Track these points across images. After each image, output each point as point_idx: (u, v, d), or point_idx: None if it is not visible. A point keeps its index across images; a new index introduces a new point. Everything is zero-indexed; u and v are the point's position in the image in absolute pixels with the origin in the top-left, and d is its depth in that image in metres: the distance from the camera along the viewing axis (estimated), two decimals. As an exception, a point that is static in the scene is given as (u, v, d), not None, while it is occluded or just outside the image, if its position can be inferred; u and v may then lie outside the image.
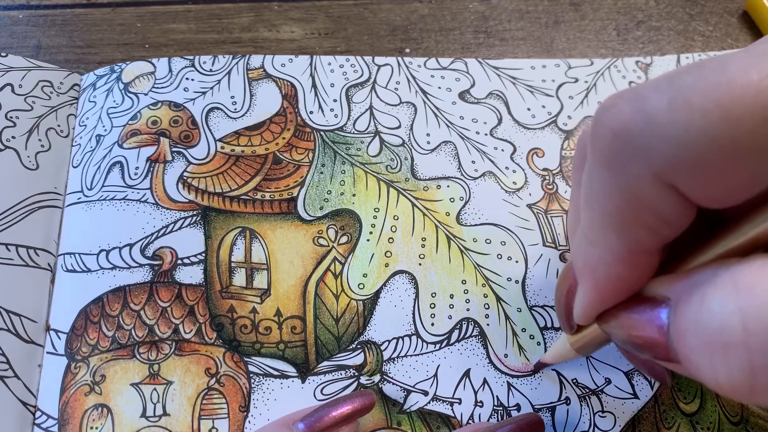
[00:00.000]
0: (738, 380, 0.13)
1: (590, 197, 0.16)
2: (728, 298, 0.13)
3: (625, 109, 0.14)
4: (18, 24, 0.35)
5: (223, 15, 0.35)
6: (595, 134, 0.15)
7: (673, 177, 0.13)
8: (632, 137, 0.14)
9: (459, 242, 0.29)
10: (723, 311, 0.13)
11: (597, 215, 0.16)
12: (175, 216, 0.29)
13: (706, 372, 0.13)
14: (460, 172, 0.30)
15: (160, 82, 0.32)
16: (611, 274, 0.16)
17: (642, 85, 0.14)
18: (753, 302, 0.12)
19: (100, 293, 0.27)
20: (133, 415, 0.25)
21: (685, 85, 0.13)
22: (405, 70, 0.33)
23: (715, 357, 0.13)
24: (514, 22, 0.35)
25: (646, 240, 0.15)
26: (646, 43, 0.35)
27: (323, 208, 0.29)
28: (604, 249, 0.16)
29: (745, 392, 0.13)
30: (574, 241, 0.19)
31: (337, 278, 0.28)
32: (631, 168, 0.14)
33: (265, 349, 0.27)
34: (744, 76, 0.12)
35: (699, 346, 0.13)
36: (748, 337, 0.12)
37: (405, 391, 0.26)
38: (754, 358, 0.12)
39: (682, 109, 0.13)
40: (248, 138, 0.31)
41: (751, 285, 0.12)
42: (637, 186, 0.14)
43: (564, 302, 0.21)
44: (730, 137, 0.12)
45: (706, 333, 0.13)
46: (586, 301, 0.18)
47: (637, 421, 0.26)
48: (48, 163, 0.30)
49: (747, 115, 0.12)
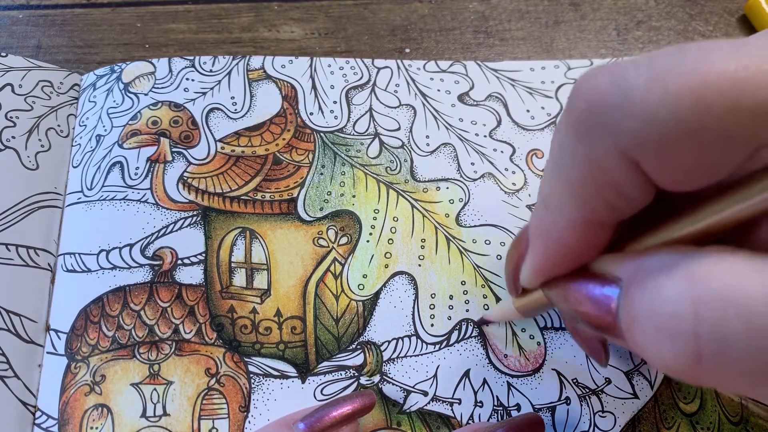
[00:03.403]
0: (684, 364, 0.13)
1: (556, 164, 0.16)
2: (682, 287, 0.13)
3: (602, 81, 0.14)
4: (18, 24, 0.35)
5: (223, 15, 0.35)
6: (570, 103, 0.15)
7: (638, 155, 0.14)
8: (605, 111, 0.14)
9: (458, 243, 0.29)
10: (677, 299, 0.13)
11: (559, 183, 0.16)
12: (176, 216, 0.29)
13: (652, 353, 0.14)
14: (460, 173, 0.30)
15: (160, 83, 0.32)
16: (562, 241, 0.17)
17: (623, 61, 0.14)
18: (707, 292, 0.13)
19: (100, 293, 0.27)
20: (133, 415, 0.25)
21: (664, 66, 0.13)
22: (404, 72, 0.33)
23: (664, 342, 0.13)
24: (514, 22, 0.35)
25: (602, 213, 0.15)
26: (646, 43, 0.35)
27: (323, 209, 0.29)
28: (560, 216, 0.16)
29: (691, 375, 0.13)
30: (535, 207, 0.19)
31: (337, 279, 0.28)
32: (599, 141, 0.14)
33: (265, 349, 0.27)
34: (722, 63, 0.12)
35: (649, 330, 0.14)
36: (698, 324, 0.13)
37: (405, 392, 0.26)
38: (701, 345, 0.13)
39: (657, 90, 0.13)
40: (248, 138, 0.31)
41: (707, 276, 0.13)
42: (603, 159, 0.14)
43: (514, 264, 0.21)
44: (698, 122, 0.12)
45: (657, 319, 0.13)
46: (534, 265, 0.18)
47: (637, 421, 0.26)
48: (48, 163, 0.30)
49: (717, 103, 0.12)
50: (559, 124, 0.18)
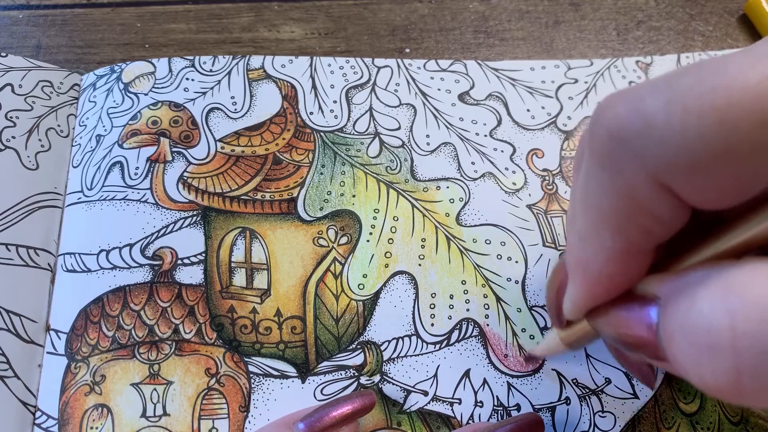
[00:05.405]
0: (724, 381, 0.13)
1: (585, 196, 0.16)
2: (718, 300, 0.13)
3: (621, 109, 0.14)
4: (18, 24, 0.35)
5: (223, 15, 0.35)
6: (591, 134, 0.15)
7: (668, 178, 0.13)
8: (628, 138, 0.14)
9: (459, 243, 0.29)
10: (712, 312, 0.13)
11: (591, 214, 0.16)
12: (175, 216, 0.29)
13: (692, 372, 0.13)
14: (460, 173, 0.30)
15: (160, 82, 0.32)
16: (602, 272, 0.16)
17: (639, 85, 0.14)
18: (742, 304, 0.12)
19: (100, 293, 0.27)
20: (133, 415, 0.25)
21: (683, 87, 0.13)
22: (405, 72, 0.33)
23: (702, 358, 0.13)
24: (514, 22, 0.35)
25: (639, 240, 0.15)
26: (646, 43, 0.35)
27: (323, 208, 0.29)
28: (597, 247, 0.16)
29: (731, 393, 0.13)
30: (568, 238, 0.19)
31: (337, 279, 0.28)
32: (626, 168, 0.14)
33: (265, 349, 0.27)
34: (742, 78, 0.12)
35: (686, 346, 0.13)
36: (736, 338, 0.12)
37: (405, 392, 0.26)
38: (740, 360, 0.12)
39: (678, 111, 0.13)
40: (248, 138, 0.31)
41: (742, 287, 0.12)
42: (632, 186, 0.14)
43: (555, 298, 0.21)
44: (726, 140, 0.12)
45: (694, 333, 0.13)
46: (576, 298, 0.18)
47: (637, 421, 0.26)
48: (48, 163, 0.30)
49: (744, 119, 0.12)
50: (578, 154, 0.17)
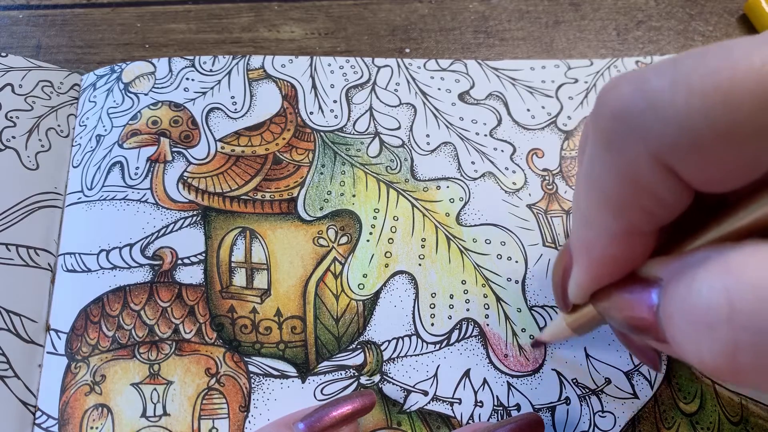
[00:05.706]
0: (721, 359, 0.13)
1: (589, 177, 0.16)
2: (716, 279, 0.13)
3: (626, 89, 0.14)
4: (18, 24, 0.35)
5: (223, 15, 0.35)
6: (596, 114, 0.15)
7: (671, 159, 0.13)
8: (632, 118, 0.14)
9: (459, 242, 0.29)
10: (710, 291, 0.13)
11: (594, 196, 0.16)
12: (176, 216, 0.29)
13: (690, 351, 0.14)
14: (460, 172, 0.30)
15: (161, 82, 0.32)
16: (606, 255, 0.17)
17: (645, 68, 0.14)
18: (740, 283, 0.12)
19: (100, 293, 0.27)
20: (133, 415, 0.25)
21: (687, 68, 0.13)
22: (405, 71, 0.33)
23: (700, 336, 0.13)
24: (514, 22, 0.35)
25: (642, 222, 0.15)
26: (646, 43, 0.35)
27: (323, 208, 0.29)
28: (600, 229, 0.16)
29: (728, 371, 0.13)
30: (573, 220, 0.19)
31: (337, 278, 0.28)
32: (629, 149, 0.14)
33: (265, 349, 0.27)
34: (746, 60, 0.12)
35: (685, 326, 0.13)
36: (733, 314, 0.12)
37: (405, 391, 0.26)
38: (737, 338, 0.12)
39: (682, 92, 0.13)
40: (248, 138, 0.31)
41: (740, 267, 0.13)
42: (635, 167, 0.14)
43: (560, 281, 0.21)
44: (729, 121, 0.12)
45: (692, 313, 0.13)
46: (580, 281, 0.18)
47: (637, 421, 0.26)
48: (48, 163, 0.30)
49: (747, 100, 0.12)
50: (583, 137, 0.17)
